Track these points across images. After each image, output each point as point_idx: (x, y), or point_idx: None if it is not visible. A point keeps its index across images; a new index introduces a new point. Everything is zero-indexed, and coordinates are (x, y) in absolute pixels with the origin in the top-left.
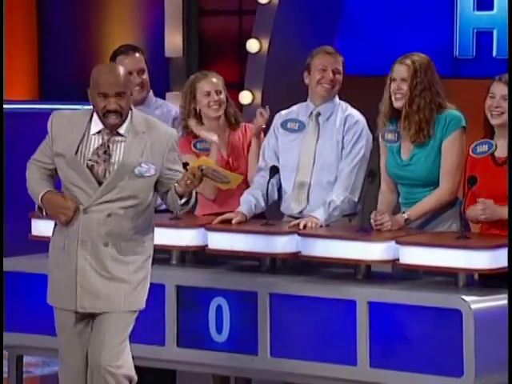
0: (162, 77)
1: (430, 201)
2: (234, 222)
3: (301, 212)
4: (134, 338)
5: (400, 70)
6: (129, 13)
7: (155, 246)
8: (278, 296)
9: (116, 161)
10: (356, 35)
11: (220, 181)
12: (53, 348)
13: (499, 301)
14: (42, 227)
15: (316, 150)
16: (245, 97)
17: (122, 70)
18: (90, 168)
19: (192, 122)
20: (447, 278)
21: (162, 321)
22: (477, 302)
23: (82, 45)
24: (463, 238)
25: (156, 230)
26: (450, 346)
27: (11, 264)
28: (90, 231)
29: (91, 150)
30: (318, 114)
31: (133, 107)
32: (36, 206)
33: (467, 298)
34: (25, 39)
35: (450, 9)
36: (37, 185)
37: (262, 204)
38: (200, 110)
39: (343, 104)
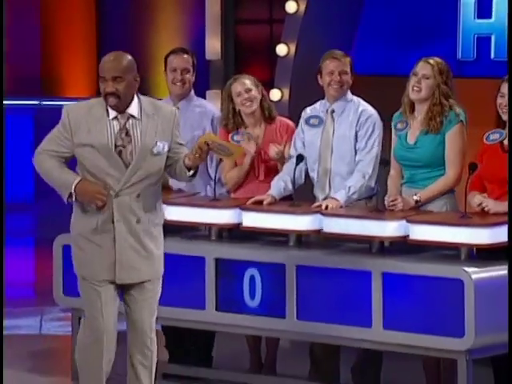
0: (203, 77)
1: (438, 185)
2: (265, 203)
3: (325, 198)
4: (179, 303)
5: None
6: (175, 21)
7: (197, 223)
8: (303, 267)
9: (135, 142)
10: (372, 40)
11: (225, 154)
12: None
13: (496, 272)
14: None
15: (333, 142)
16: (274, 94)
17: (124, 57)
18: (119, 154)
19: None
20: (451, 251)
21: (202, 289)
22: (477, 273)
23: (135, 47)
24: (466, 218)
25: (197, 210)
26: (454, 311)
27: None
28: (123, 212)
29: (113, 134)
30: (333, 111)
31: (140, 95)
32: (66, 194)
33: (468, 270)
34: (85, 42)
35: (454, 17)
36: (63, 173)
37: (290, 187)
38: (239, 109)
39: (355, 99)
